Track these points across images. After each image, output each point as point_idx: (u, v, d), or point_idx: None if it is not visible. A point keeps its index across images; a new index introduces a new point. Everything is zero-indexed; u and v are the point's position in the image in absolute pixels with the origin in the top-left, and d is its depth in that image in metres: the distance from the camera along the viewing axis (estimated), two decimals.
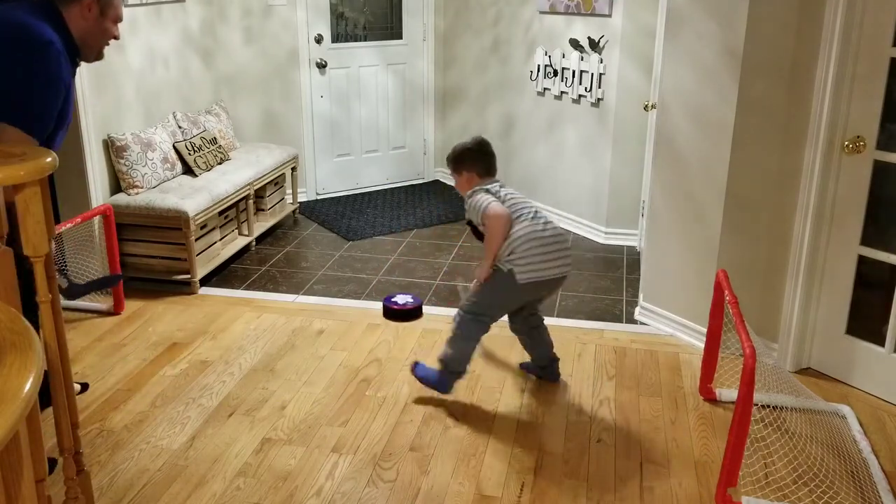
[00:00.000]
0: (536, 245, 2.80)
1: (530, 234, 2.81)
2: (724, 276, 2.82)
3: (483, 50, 5.60)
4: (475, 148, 3.08)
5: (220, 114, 5.05)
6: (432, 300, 3.99)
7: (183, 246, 3.99)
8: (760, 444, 2.71)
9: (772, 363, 2.83)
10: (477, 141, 3.11)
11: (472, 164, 3.03)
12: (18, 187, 1.77)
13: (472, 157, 3.05)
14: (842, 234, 3.04)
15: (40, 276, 1.87)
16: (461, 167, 3.05)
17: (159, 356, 3.36)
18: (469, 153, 3.06)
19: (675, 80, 3.33)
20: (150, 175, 4.15)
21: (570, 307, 3.90)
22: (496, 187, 2.96)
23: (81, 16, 2.36)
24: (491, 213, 2.81)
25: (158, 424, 2.85)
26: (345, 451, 2.70)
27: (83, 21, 2.37)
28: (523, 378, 3.20)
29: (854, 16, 2.81)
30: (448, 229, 5.10)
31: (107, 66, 4.02)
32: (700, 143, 3.29)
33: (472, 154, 3.06)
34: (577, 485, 2.53)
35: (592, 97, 4.71)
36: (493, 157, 3.07)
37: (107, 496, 2.45)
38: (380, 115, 5.90)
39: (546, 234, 2.84)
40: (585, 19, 4.68)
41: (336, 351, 3.43)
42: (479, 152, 3.06)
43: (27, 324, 1.45)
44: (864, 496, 2.46)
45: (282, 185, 5.17)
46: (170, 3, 4.61)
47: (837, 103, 2.91)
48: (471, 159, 3.04)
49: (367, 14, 5.76)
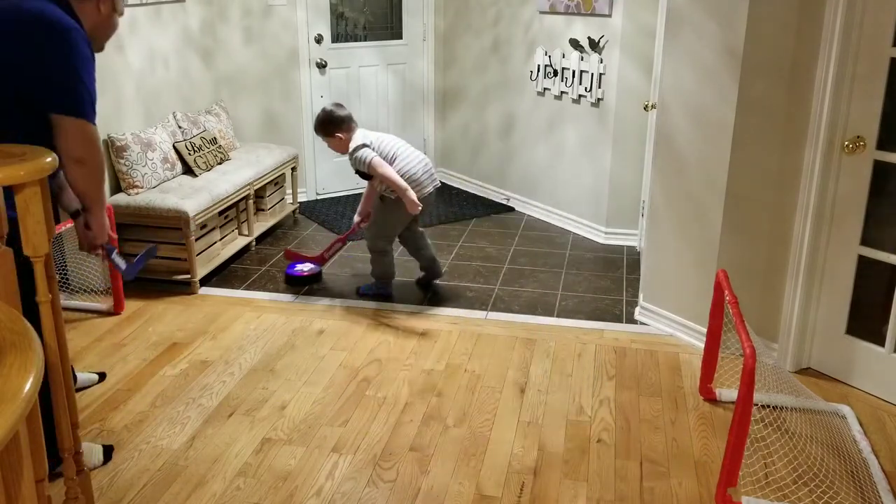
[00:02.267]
0: (415, 174, 3.77)
1: (405, 168, 3.76)
2: (724, 276, 2.82)
3: (483, 50, 5.60)
4: (338, 112, 3.78)
5: (220, 114, 5.05)
6: (432, 300, 3.99)
7: (183, 246, 3.99)
8: (760, 444, 2.72)
9: (772, 363, 2.83)
10: (334, 104, 3.85)
11: (339, 125, 3.76)
12: (18, 187, 1.77)
13: (340, 120, 3.76)
14: (842, 234, 3.04)
15: (40, 276, 1.87)
16: (334, 130, 3.76)
17: (159, 356, 3.36)
18: (336, 118, 3.76)
19: (675, 80, 3.33)
20: (150, 175, 4.15)
21: (570, 307, 3.91)
22: (370, 139, 3.76)
23: (97, 10, 2.37)
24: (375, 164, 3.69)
25: (158, 424, 2.85)
26: (345, 451, 2.71)
27: (97, 16, 2.38)
28: (523, 378, 3.21)
29: (854, 16, 2.81)
30: (448, 229, 5.10)
31: (107, 66, 4.02)
32: (700, 143, 3.29)
33: (339, 118, 3.77)
34: (576, 485, 2.53)
35: (592, 97, 4.71)
36: (349, 113, 3.84)
37: (107, 496, 2.45)
38: (380, 115, 5.89)
39: (417, 164, 3.80)
40: (585, 19, 4.68)
41: (336, 351, 3.43)
42: (343, 115, 3.78)
43: (27, 324, 1.45)
44: (864, 496, 2.46)
45: (282, 185, 5.17)
46: (170, 3, 4.61)
47: (837, 103, 2.91)
48: (340, 122, 3.76)
49: (367, 14, 5.76)
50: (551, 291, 4.10)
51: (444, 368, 3.28)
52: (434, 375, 3.23)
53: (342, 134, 3.77)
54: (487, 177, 5.81)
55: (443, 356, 3.39)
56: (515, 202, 5.56)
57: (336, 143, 3.81)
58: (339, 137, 3.77)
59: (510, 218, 5.36)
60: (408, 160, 3.79)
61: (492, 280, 4.25)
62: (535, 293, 4.08)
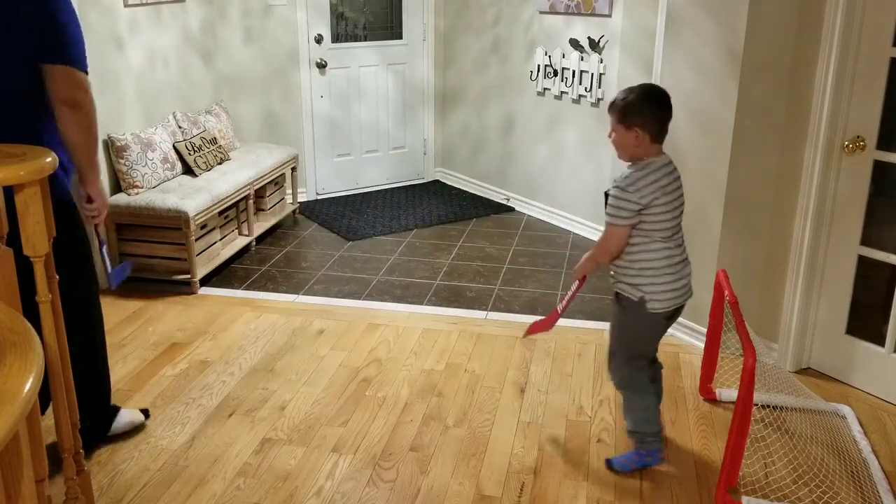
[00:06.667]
0: (669, 271, 2.43)
1: (663, 258, 2.41)
2: (724, 276, 2.82)
3: (483, 50, 5.60)
4: (657, 97, 2.38)
5: (220, 114, 5.05)
6: (432, 300, 3.99)
7: (183, 246, 3.99)
8: (760, 444, 2.71)
9: (772, 363, 2.83)
10: (657, 90, 2.44)
11: (648, 118, 2.34)
12: (18, 187, 1.77)
13: (650, 110, 2.35)
14: (842, 234, 3.04)
15: (40, 276, 1.87)
16: (633, 119, 2.34)
17: (159, 356, 3.36)
18: (648, 103, 2.36)
19: (675, 80, 3.33)
20: (151, 175, 4.15)
21: (570, 307, 3.88)
22: (662, 173, 2.36)
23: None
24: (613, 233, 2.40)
25: (158, 424, 2.85)
26: (345, 451, 2.70)
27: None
28: (523, 378, 3.21)
29: (854, 16, 2.81)
30: (448, 229, 5.10)
31: (107, 66, 4.02)
32: (700, 143, 3.29)
33: (653, 105, 2.36)
34: (577, 485, 2.53)
35: (592, 97, 4.71)
36: (670, 116, 2.39)
37: (107, 496, 2.45)
38: (380, 115, 5.89)
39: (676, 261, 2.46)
40: (585, 19, 4.68)
41: (336, 351, 3.43)
42: (660, 104, 2.38)
43: (27, 324, 1.45)
44: (864, 496, 2.46)
45: (282, 185, 5.17)
46: (170, 3, 4.61)
47: (837, 103, 2.91)
48: (649, 112, 2.35)
49: (367, 14, 5.76)
50: (551, 291, 4.10)
51: (444, 368, 3.28)
52: (434, 375, 3.23)
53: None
54: (487, 177, 5.81)
55: (443, 356, 3.39)
56: (515, 202, 5.56)
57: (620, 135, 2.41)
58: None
59: (510, 218, 5.36)
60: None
61: (492, 280, 4.25)
62: (535, 293, 4.08)
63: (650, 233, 2.39)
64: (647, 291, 2.42)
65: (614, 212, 2.38)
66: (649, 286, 2.42)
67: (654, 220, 2.38)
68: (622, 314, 2.53)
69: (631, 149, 2.38)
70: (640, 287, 2.43)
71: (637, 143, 2.36)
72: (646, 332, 2.55)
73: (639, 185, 2.34)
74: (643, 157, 2.38)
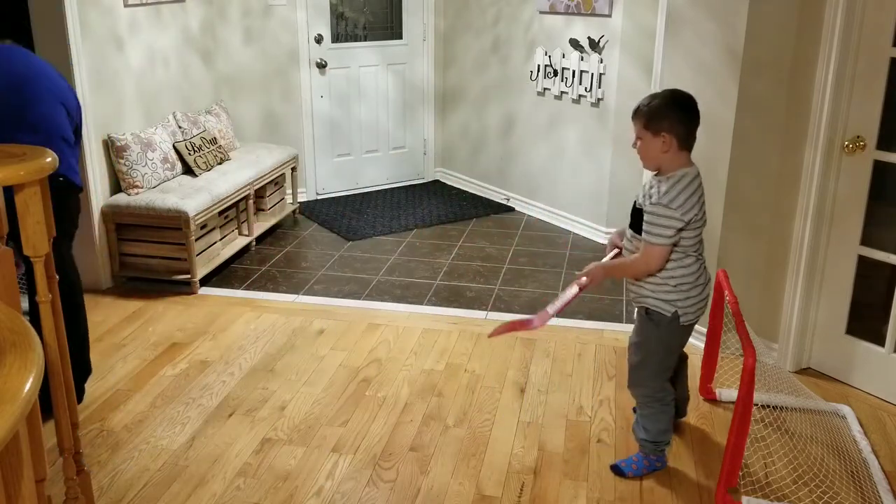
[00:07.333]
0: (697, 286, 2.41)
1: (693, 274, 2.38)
2: (724, 276, 2.82)
3: (483, 50, 5.60)
4: (683, 101, 2.30)
5: (220, 114, 5.05)
6: (432, 300, 3.99)
7: (183, 246, 3.99)
8: (760, 444, 2.71)
9: (772, 363, 2.83)
10: (684, 94, 2.33)
11: (674, 121, 2.25)
12: (18, 187, 1.77)
13: (675, 113, 2.26)
14: (842, 234, 3.04)
15: (40, 276, 1.87)
16: (660, 123, 2.25)
17: (159, 356, 3.36)
18: (673, 107, 2.27)
19: (675, 80, 3.33)
20: (151, 175, 4.15)
21: (570, 307, 3.89)
22: (697, 184, 2.31)
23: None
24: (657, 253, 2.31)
25: (158, 424, 2.85)
26: (345, 451, 2.70)
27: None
28: (523, 378, 3.21)
29: (854, 16, 2.81)
30: (448, 229, 5.10)
31: (107, 66, 4.02)
32: (700, 143, 3.27)
33: (678, 109, 2.27)
34: (577, 485, 2.53)
35: (592, 97, 4.71)
36: (698, 121, 2.31)
37: (107, 496, 2.45)
38: (380, 115, 5.89)
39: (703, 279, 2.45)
40: (585, 19, 4.68)
41: (336, 351, 3.43)
42: (687, 108, 2.29)
43: (27, 324, 1.45)
44: (864, 496, 2.46)
45: (282, 185, 5.17)
46: (170, 3, 4.61)
47: (837, 103, 2.91)
48: (674, 115, 2.25)
49: (367, 14, 5.76)
50: (551, 291, 4.10)
51: (444, 368, 3.28)
52: (434, 375, 3.22)
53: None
54: (487, 177, 5.81)
55: (443, 356, 3.39)
56: (515, 202, 5.56)
57: (647, 142, 2.35)
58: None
59: (510, 218, 5.36)
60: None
61: (492, 280, 4.25)
62: (535, 293, 4.08)
63: (686, 248, 2.34)
64: (681, 306, 2.38)
65: (658, 231, 2.27)
66: (683, 301, 2.38)
67: (692, 235, 2.33)
68: (655, 330, 2.44)
69: (658, 156, 2.29)
70: (673, 303, 2.38)
71: (665, 150, 2.27)
72: (677, 343, 2.52)
73: (680, 199, 2.25)
74: (672, 165, 2.30)
